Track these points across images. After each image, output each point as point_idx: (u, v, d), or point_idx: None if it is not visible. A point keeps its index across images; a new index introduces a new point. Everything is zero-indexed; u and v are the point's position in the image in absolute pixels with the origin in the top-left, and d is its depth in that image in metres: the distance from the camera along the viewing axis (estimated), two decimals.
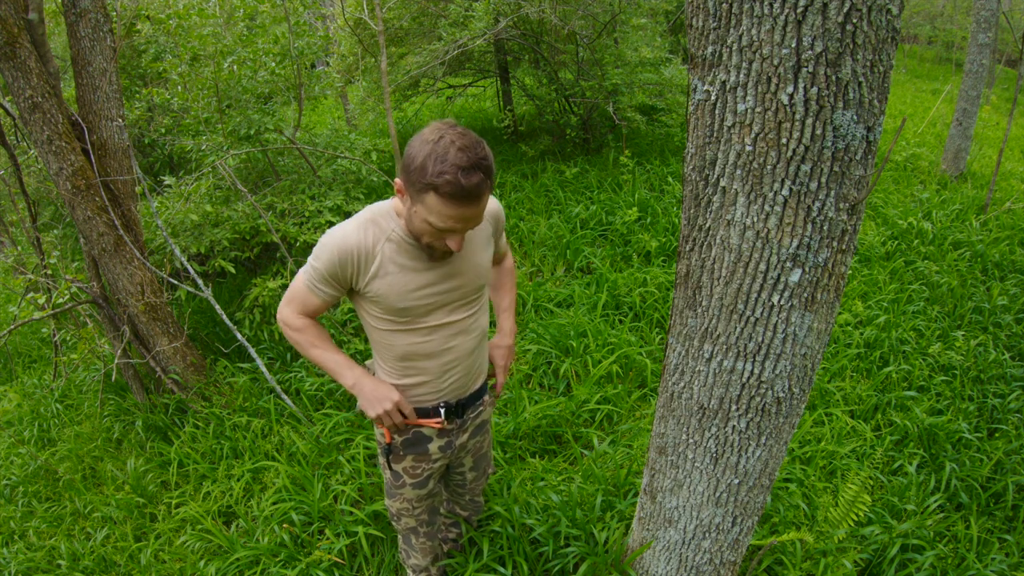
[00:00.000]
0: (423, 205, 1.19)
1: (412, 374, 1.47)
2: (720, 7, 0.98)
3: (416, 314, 1.38)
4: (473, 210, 1.20)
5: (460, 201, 1.16)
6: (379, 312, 1.39)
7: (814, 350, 1.22)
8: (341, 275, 1.33)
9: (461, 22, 5.17)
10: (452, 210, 1.17)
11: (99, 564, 2.42)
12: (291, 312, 1.42)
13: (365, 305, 1.41)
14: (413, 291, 1.35)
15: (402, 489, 1.64)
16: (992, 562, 2.02)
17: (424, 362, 1.45)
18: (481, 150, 1.16)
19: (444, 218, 1.19)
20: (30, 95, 2.49)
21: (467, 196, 1.15)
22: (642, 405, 2.87)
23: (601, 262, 4.03)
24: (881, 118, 1.00)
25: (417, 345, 1.43)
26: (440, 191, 1.14)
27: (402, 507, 1.70)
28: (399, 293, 1.34)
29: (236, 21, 3.84)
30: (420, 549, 1.83)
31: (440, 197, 1.15)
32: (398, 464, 1.60)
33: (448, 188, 1.13)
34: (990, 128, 8.65)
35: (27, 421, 3.58)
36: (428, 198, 1.17)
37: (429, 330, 1.41)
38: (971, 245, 4.17)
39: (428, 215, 1.19)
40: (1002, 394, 2.86)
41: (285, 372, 3.29)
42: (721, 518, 1.50)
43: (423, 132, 1.19)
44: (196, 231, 3.41)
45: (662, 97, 5.69)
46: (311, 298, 1.39)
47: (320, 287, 1.36)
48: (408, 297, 1.35)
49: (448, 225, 1.20)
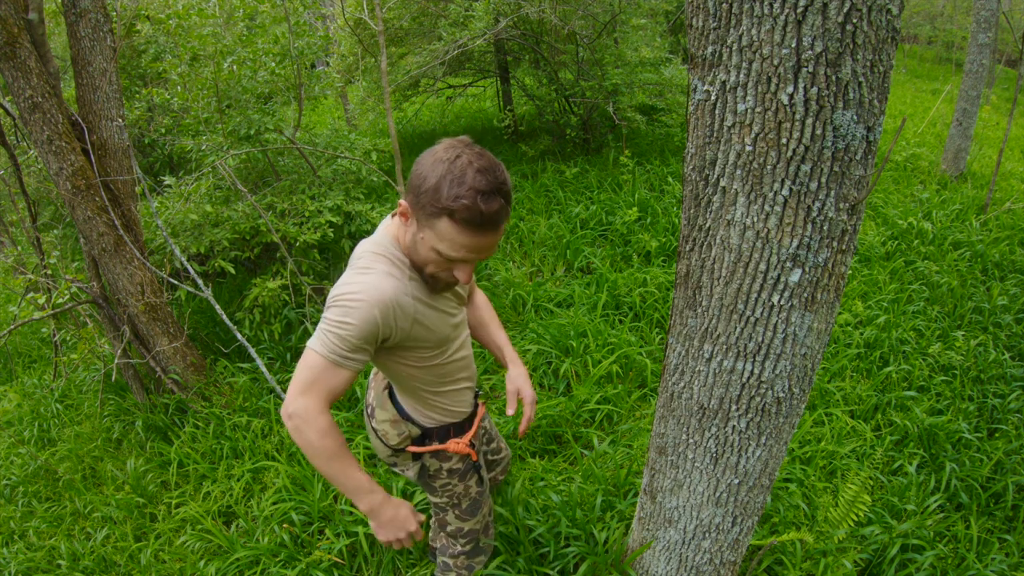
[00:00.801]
0: (433, 232, 1.08)
1: (452, 388, 1.44)
2: (720, 7, 0.98)
3: (452, 325, 1.34)
4: (490, 239, 1.09)
5: (477, 229, 1.05)
6: (419, 354, 1.29)
7: (814, 350, 1.22)
8: (383, 333, 1.15)
9: (461, 22, 5.17)
10: (467, 238, 1.07)
11: (99, 564, 2.42)
12: (315, 405, 1.13)
13: (398, 354, 1.27)
14: (444, 318, 1.28)
15: (485, 487, 1.63)
16: (992, 562, 2.03)
17: (461, 373, 1.44)
18: (501, 173, 1.07)
19: (457, 247, 1.08)
20: (30, 95, 2.49)
21: (485, 224, 1.05)
22: (642, 405, 2.87)
23: (601, 262, 4.03)
24: (881, 118, 1.00)
25: (459, 363, 1.41)
26: (456, 216, 1.04)
27: (488, 507, 1.67)
28: (438, 326, 1.26)
29: (236, 21, 3.84)
30: (487, 545, 1.77)
31: (455, 224, 1.05)
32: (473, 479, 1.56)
33: (465, 214, 1.03)
34: (990, 128, 8.65)
35: (27, 421, 3.58)
36: (440, 224, 1.06)
37: (460, 343, 1.40)
38: (971, 245, 4.17)
39: (439, 243, 1.08)
40: (1002, 394, 2.86)
41: (285, 372, 3.29)
42: (721, 518, 1.50)
43: (435, 150, 1.08)
44: (196, 231, 3.41)
45: (662, 97, 5.70)
46: (340, 376, 1.13)
47: (353, 357, 1.13)
48: (445, 326, 1.30)
49: (460, 255, 1.09)
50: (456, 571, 1.73)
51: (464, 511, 1.60)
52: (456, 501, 1.58)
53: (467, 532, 1.64)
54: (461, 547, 1.68)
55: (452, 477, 1.52)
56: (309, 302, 3.43)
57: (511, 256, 4.41)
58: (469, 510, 1.60)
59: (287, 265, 3.40)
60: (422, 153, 1.11)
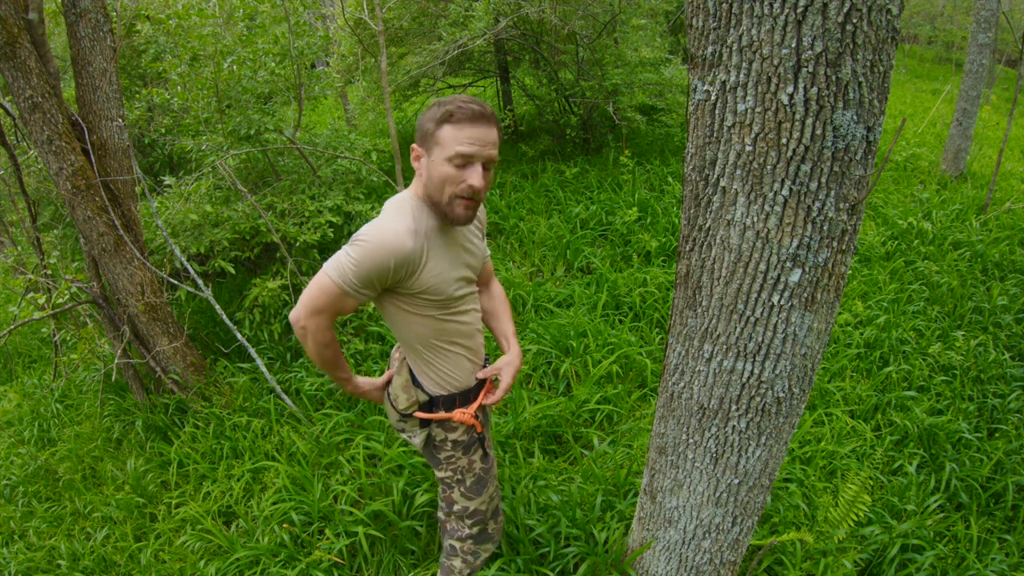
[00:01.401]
0: (439, 145, 1.26)
1: (448, 349, 1.49)
2: (720, 7, 0.98)
3: (456, 296, 1.42)
4: (487, 130, 1.27)
5: (472, 121, 1.24)
6: (422, 305, 1.38)
7: (814, 350, 1.22)
8: (392, 277, 1.30)
9: (461, 22, 5.17)
10: (467, 131, 1.24)
11: (99, 564, 2.42)
12: (324, 322, 1.33)
13: (403, 301, 1.38)
14: (452, 271, 1.39)
15: (492, 466, 1.65)
16: (992, 562, 2.03)
17: (467, 340, 1.50)
18: (486, 104, 1.27)
19: (461, 140, 1.24)
20: (30, 95, 2.49)
21: (478, 117, 1.24)
22: (642, 405, 2.87)
23: (601, 262, 4.03)
24: (881, 118, 1.00)
25: (460, 327, 1.47)
26: (453, 119, 1.23)
27: (493, 488, 1.69)
28: (445, 280, 1.37)
29: (236, 21, 3.84)
30: (498, 529, 1.78)
31: (454, 124, 1.24)
32: (481, 447, 1.61)
33: (459, 113, 1.23)
34: (990, 128, 8.65)
35: (27, 421, 3.58)
36: (443, 132, 1.25)
37: (463, 311, 1.47)
38: (971, 245, 4.17)
39: (446, 150, 1.25)
40: (1002, 394, 2.86)
41: (285, 372, 3.29)
42: (721, 518, 1.50)
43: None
44: (196, 231, 3.41)
45: (662, 97, 5.69)
46: (348, 302, 1.31)
47: (363, 291, 1.30)
48: (451, 280, 1.39)
49: (467, 148, 1.25)
50: (462, 556, 1.75)
51: (469, 488, 1.63)
52: (460, 476, 1.61)
53: (473, 512, 1.67)
54: (468, 529, 1.70)
55: (456, 449, 1.57)
56: None
57: (511, 256, 4.41)
58: (474, 487, 1.63)
59: (287, 265, 3.41)
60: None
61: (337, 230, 3.73)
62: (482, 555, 1.76)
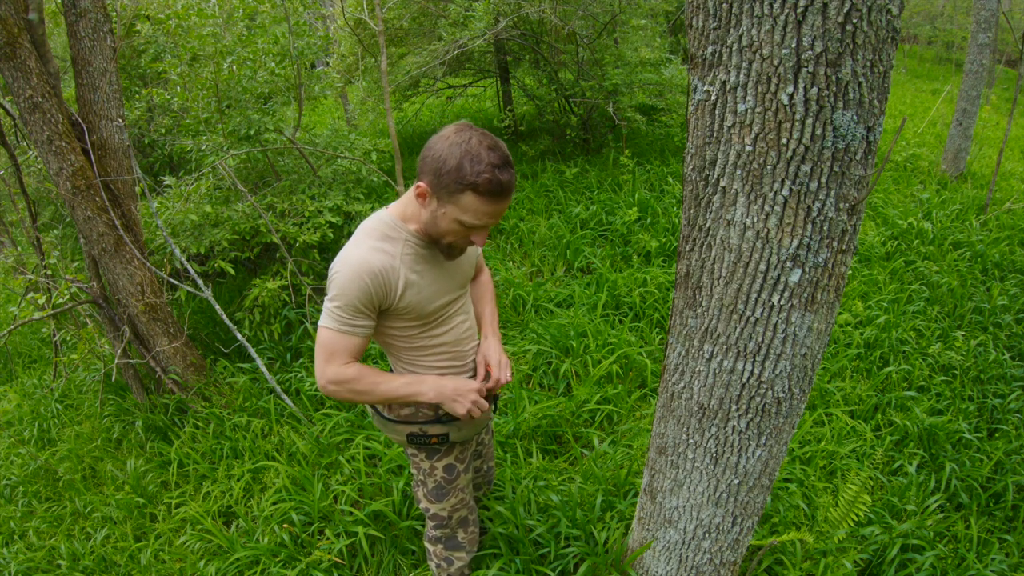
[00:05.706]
0: (456, 206, 1.22)
1: (443, 366, 1.49)
2: (720, 7, 0.98)
3: (441, 312, 1.43)
4: (505, 204, 1.26)
5: (497, 197, 1.21)
6: (405, 323, 1.39)
7: (814, 350, 1.22)
8: (377, 298, 1.29)
9: (461, 22, 5.17)
10: (489, 206, 1.22)
11: (99, 564, 2.42)
12: (338, 367, 1.32)
13: (388, 322, 1.39)
14: (436, 292, 1.39)
15: (457, 480, 1.63)
16: (992, 562, 2.03)
17: (453, 348, 1.50)
18: (504, 148, 1.23)
19: (480, 215, 1.23)
20: (30, 95, 2.49)
21: (504, 192, 1.21)
22: (642, 405, 2.87)
23: (601, 262, 4.03)
24: (881, 118, 1.00)
25: (443, 336, 1.47)
26: (479, 190, 1.19)
27: (457, 501, 1.67)
28: (428, 298, 1.37)
29: (236, 21, 3.84)
30: (470, 540, 1.79)
31: (479, 196, 1.20)
32: (448, 458, 1.59)
33: (488, 186, 1.18)
34: (990, 128, 8.65)
35: (27, 421, 3.58)
36: (465, 198, 1.20)
37: (449, 318, 1.47)
38: (971, 245, 4.17)
39: (462, 215, 1.23)
40: (1002, 394, 2.86)
41: (285, 372, 3.29)
42: (721, 518, 1.50)
43: (445, 134, 1.21)
44: (196, 231, 3.41)
45: (662, 97, 5.69)
46: (351, 341, 1.31)
47: (356, 323, 1.30)
48: (435, 300, 1.39)
49: (483, 222, 1.25)
50: (436, 560, 1.79)
51: (430, 492, 1.64)
52: (423, 478, 1.63)
53: (434, 515, 1.69)
54: (434, 531, 1.73)
55: (421, 451, 1.58)
56: (309, 302, 3.43)
57: (511, 256, 4.41)
58: (434, 493, 1.64)
59: (287, 265, 3.40)
60: (431, 138, 1.24)
61: (337, 230, 3.73)
62: (455, 562, 1.79)
